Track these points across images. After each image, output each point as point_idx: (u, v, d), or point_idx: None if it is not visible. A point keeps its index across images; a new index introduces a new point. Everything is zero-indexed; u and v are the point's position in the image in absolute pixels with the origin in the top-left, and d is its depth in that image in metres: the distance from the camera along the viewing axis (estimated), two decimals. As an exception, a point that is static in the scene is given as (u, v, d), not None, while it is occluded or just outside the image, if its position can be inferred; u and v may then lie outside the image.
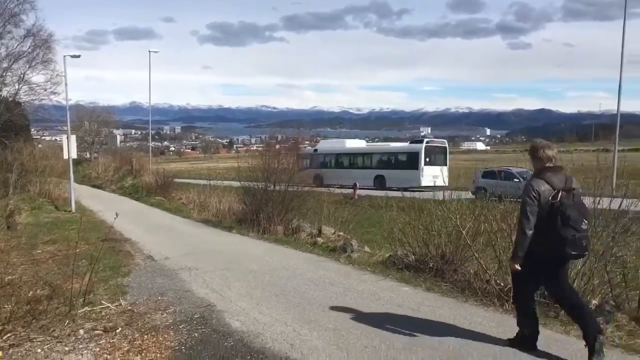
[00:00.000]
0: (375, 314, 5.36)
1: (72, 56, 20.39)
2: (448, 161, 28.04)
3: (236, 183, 14.63)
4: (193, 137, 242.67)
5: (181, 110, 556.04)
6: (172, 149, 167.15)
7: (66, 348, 4.39)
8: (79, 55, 21.16)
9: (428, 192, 12.00)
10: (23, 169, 19.12)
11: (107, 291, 6.33)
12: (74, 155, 18.29)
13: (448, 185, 15.44)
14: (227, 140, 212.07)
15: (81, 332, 4.78)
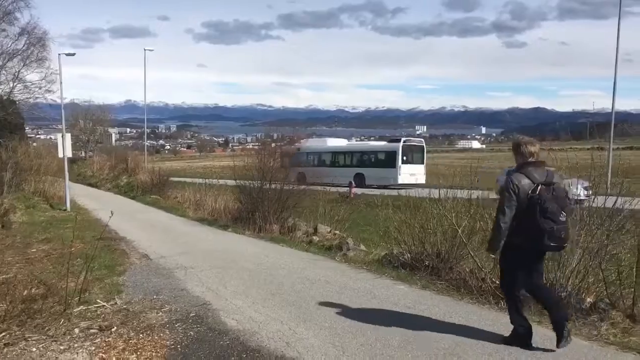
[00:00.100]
0: (371, 312, 5.37)
1: (67, 54, 20.26)
2: (425, 160, 28.70)
3: (232, 182, 14.61)
4: (188, 136, 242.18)
5: (177, 108, 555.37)
6: (168, 147, 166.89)
7: (61, 347, 4.38)
8: (74, 54, 21.04)
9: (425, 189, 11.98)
10: (18, 168, 18.98)
11: (102, 290, 6.30)
12: (69, 154, 18.19)
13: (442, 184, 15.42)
14: (223, 139, 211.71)
15: (76, 331, 4.76)
